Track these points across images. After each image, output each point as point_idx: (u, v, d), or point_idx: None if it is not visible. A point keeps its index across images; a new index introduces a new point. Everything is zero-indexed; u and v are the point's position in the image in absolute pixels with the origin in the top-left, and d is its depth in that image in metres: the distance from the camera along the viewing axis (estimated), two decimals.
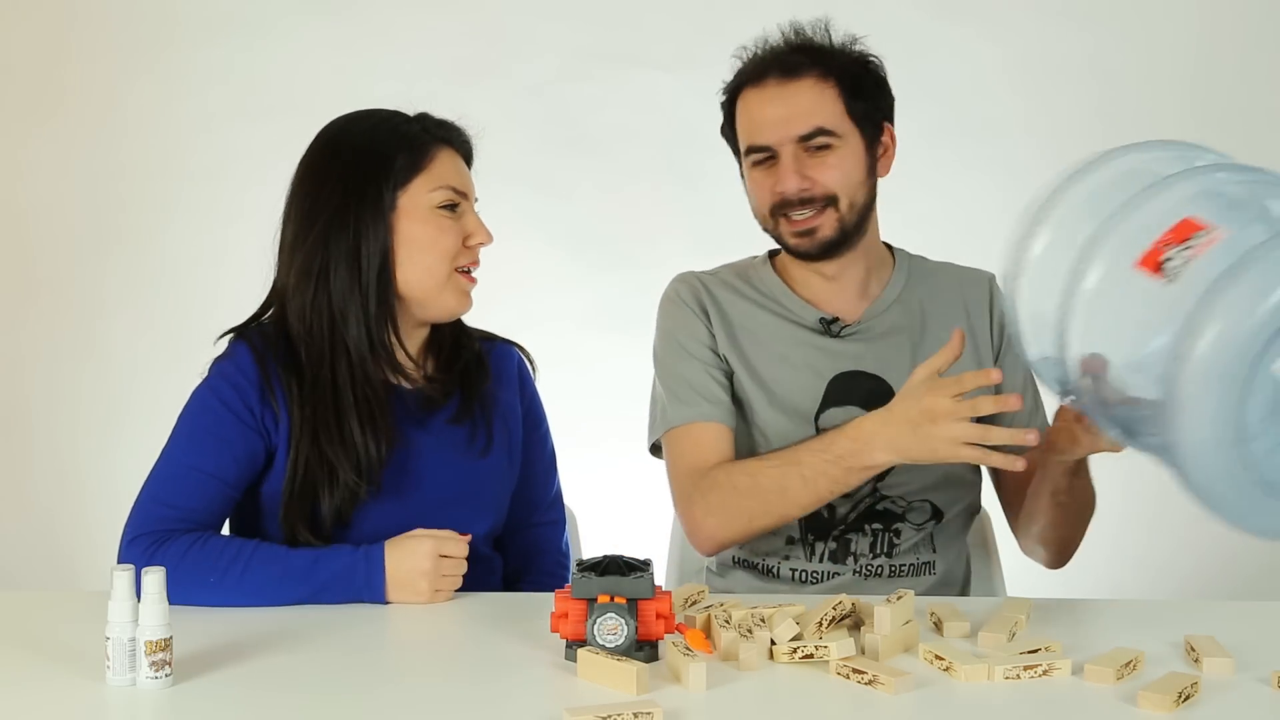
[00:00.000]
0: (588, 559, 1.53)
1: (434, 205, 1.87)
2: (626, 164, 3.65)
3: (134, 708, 1.41)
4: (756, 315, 2.07)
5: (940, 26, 3.62)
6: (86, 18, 3.75)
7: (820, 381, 2.02)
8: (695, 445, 1.99)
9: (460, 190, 1.89)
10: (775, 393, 2.02)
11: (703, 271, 2.13)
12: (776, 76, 1.98)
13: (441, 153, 1.89)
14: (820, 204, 1.97)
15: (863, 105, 1.99)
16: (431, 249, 1.86)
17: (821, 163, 1.96)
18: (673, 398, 2.03)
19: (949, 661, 1.47)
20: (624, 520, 2.25)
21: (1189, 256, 1.37)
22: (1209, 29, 3.63)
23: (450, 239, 1.87)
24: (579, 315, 3.59)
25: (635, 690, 1.40)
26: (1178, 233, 1.40)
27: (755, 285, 2.10)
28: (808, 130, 1.95)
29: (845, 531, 2.01)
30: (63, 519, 3.79)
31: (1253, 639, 1.56)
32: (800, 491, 1.86)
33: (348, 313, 1.84)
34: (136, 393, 3.71)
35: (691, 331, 2.05)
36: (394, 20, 3.69)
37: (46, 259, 3.81)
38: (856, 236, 2.01)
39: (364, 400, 1.84)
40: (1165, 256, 1.40)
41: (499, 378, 2.00)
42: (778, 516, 1.90)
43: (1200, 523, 1.48)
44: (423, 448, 1.90)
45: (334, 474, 1.82)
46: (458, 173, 1.90)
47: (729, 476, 1.92)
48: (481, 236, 1.90)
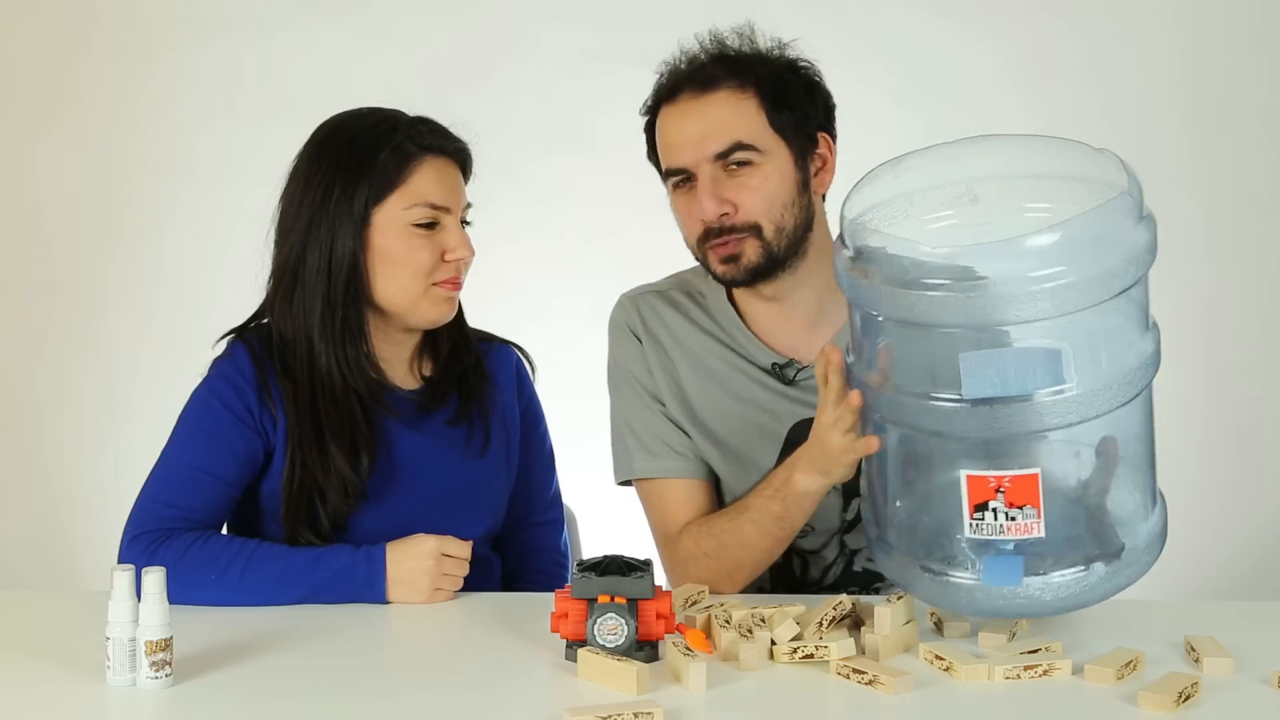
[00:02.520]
0: (588, 559, 1.53)
1: (409, 222, 1.83)
2: (626, 164, 3.64)
3: (134, 708, 1.41)
4: (707, 347, 1.92)
5: (939, 27, 3.61)
6: (86, 18, 3.75)
7: (779, 426, 1.88)
8: (664, 508, 1.90)
9: (440, 206, 1.84)
10: (728, 445, 1.90)
11: (649, 291, 1.98)
12: (690, 91, 1.83)
13: (425, 165, 1.84)
14: (742, 230, 1.81)
15: (789, 116, 1.83)
16: (404, 266, 1.83)
17: (742, 184, 1.80)
18: (634, 442, 1.93)
19: (949, 661, 1.47)
20: (624, 520, 2.24)
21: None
22: (1208, 29, 3.63)
23: (424, 256, 1.83)
24: (579, 315, 3.58)
25: (635, 690, 1.40)
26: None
27: (707, 310, 1.95)
28: (723, 147, 1.80)
29: (820, 591, 1.91)
30: (63, 519, 3.79)
31: (1253, 639, 1.56)
32: (756, 537, 1.78)
33: (312, 324, 1.83)
34: (136, 393, 3.70)
35: (640, 367, 1.93)
36: (394, 20, 3.69)
37: (47, 259, 3.80)
38: (793, 260, 1.85)
39: (339, 420, 1.82)
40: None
41: (497, 378, 1.99)
42: (750, 567, 1.81)
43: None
44: (418, 449, 1.90)
45: (323, 486, 1.82)
46: (440, 187, 1.85)
47: (696, 544, 1.84)
48: (461, 252, 1.85)
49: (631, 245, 3.59)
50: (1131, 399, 1.50)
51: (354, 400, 1.85)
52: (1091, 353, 1.47)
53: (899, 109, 2.04)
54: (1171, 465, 3.39)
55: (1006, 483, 1.46)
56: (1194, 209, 3.57)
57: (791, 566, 1.94)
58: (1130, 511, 1.56)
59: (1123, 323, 1.50)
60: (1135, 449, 1.56)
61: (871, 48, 1.98)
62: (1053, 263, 1.41)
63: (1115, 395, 1.47)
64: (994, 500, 1.46)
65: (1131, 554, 1.54)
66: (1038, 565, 1.49)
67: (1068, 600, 1.52)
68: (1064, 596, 1.51)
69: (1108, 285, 1.43)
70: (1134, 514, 1.56)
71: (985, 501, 1.46)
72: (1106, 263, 1.43)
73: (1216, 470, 3.60)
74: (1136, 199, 1.48)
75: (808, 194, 1.86)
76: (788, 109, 1.84)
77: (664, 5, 3.61)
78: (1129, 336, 1.50)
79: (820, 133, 1.88)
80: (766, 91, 1.83)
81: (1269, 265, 3.65)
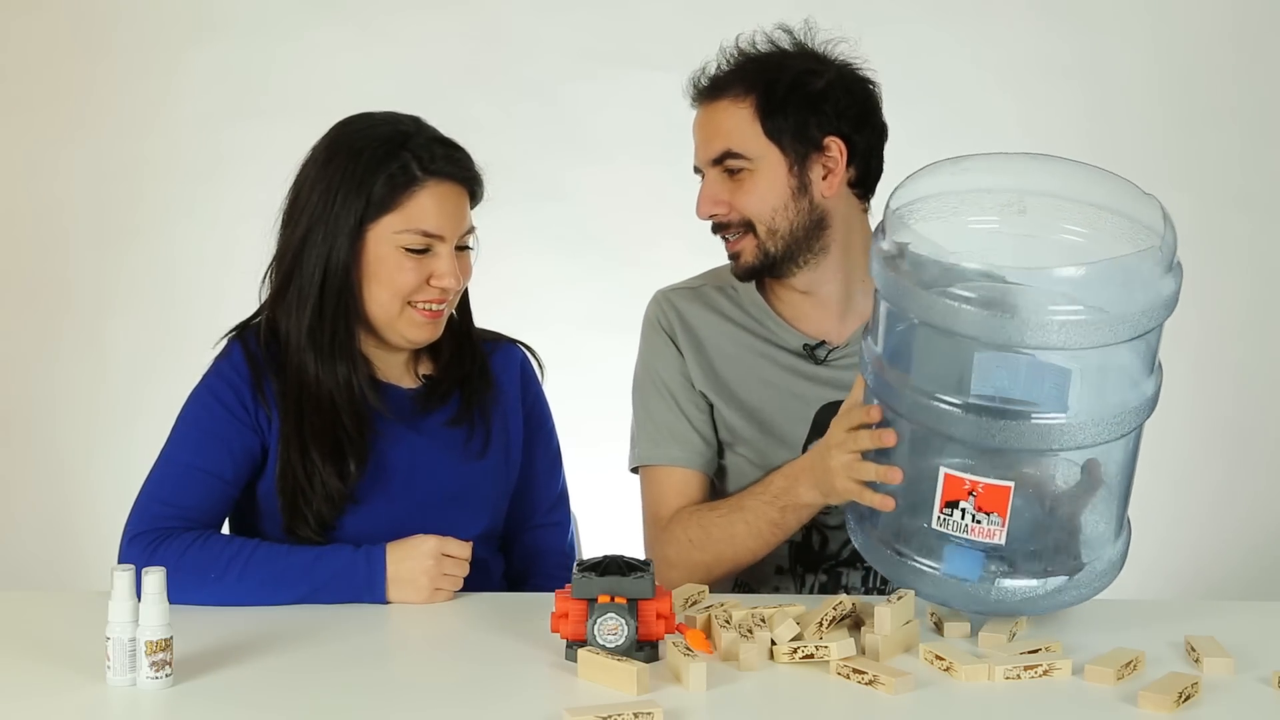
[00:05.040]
0: (588, 559, 1.53)
1: (400, 245, 1.81)
2: (626, 164, 3.64)
3: (134, 708, 1.41)
4: (737, 338, 1.99)
5: (939, 26, 3.61)
6: (86, 17, 3.74)
7: (808, 409, 1.94)
8: (659, 491, 1.96)
9: (435, 234, 1.81)
10: (764, 420, 1.95)
11: (681, 288, 2.05)
12: (702, 99, 1.94)
13: (425, 191, 1.81)
14: (738, 229, 1.92)
15: (786, 122, 1.89)
16: (387, 285, 1.82)
17: (738, 186, 1.90)
18: (643, 432, 2.00)
19: (949, 661, 1.47)
20: (625, 520, 2.25)
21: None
22: (1206, 30, 3.63)
23: (408, 278, 1.81)
24: (579, 316, 3.59)
25: (635, 690, 1.40)
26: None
27: (738, 303, 2.01)
28: (716, 154, 1.91)
29: (837, 565, 1.96)
30: (62, 519, 3.79)
31: (1253, 639, 1.56)
32: (747, 537, 1.84)
33: (302, 329, 1.82)
34: (139, 393, 3.70)
35: (665, 363, 1.99)
36: (394, 20, 3.69)
37: (47, 259, 3.80)
38: (805, 256, 1.92)
39: (321, 427, 1.81)
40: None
41: (500, 378, 1.99)
42: (730, 563, 1.86)
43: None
44: (415, 449, 1.89)
45: (306, 489, 1.81)
46: (439, 216, 1.82)
47: (683, 530, 1.89)
48: (447, 281, 1.82)
49: (631, 245, 3.60)
50: (1123, 436, 1.55)
51: (341, 409, 1.83)
52: (1095, 386, 1.52)
53: (897, 109, 2.03)
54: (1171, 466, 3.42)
55: (980, 488, 1.53)
56: (1187, 208, 3.56)
57: (811, 542, 1.96)
58: (1098, 535, 1.62)
59: (1131, 361, 1.54)
60: (1116, 479, 1.61)
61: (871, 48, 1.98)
62: (1073, 299, 1.47)
63: (1109, 430, 1.53)
64: (964, 501, 1.53)
65: (1088, 575, 1.60)
66: (997, 567, 1.57)
67: (1017, 605, 1.58)
68: (1015, 601, 1.57)
69: (1118, 331, 1.48)
70: (1101, 538, 1.62)
71: (956, 500, 1.54)
72: (1126, 309, 1.48)
73: (1216, 470, 3.59)
74: (1169, 251, 1.53)
75: (807, 198, 1.91)
76: (785, 116, 1.89)
77: (664, 5, 3.61)
78: (1134, 376, 1.55)
79: (831, 137, 1.90)
80: (764, 100, 1.89)
81: (1263, 265, 3.65)
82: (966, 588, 1.57)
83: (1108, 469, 1.59)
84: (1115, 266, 1.49)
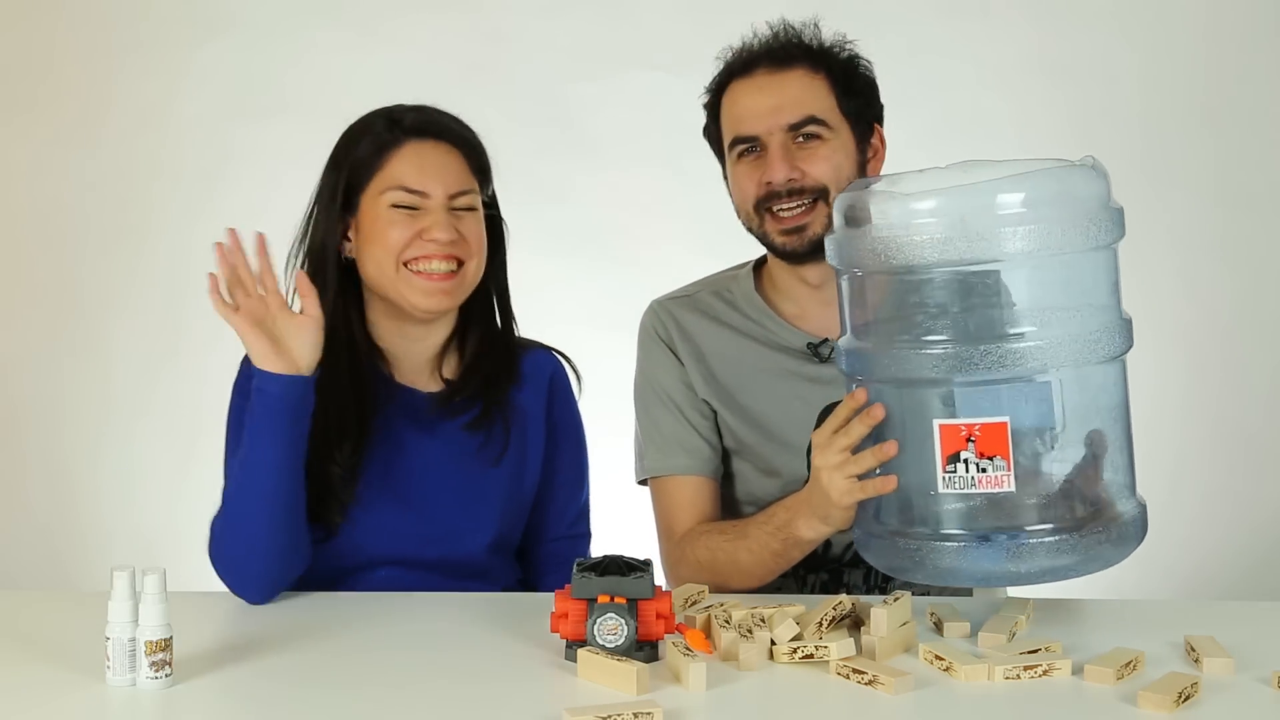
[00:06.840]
0: (588, 559, 1.53)
1: (389, 204, 1.84)
2: (626, 164, 3.65)
3: (134, 708, 1.41)
4: (737, 344, 1.98)
5: (937, 26, 3.62)
6: (86, 17, 3.75)
7: (812, 414, 1.92)
8: (670, 504, 1.96)
9: (417, 189, 1.84)
10: (768, 427, 1.95)
11: (677, 296, 2.04)
12: (766, 67, 1.90)
13: (404, 150, 1.86)
14: (810, 197, 1.87)
15: (854, 102, 1.92)
16: (380, 243, 1.84)
17: (811, 154, 1.87)
18: (650, 444, 1.99)
19: (949, 661, 1.47)
20: (625, 520, 2.24)
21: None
22: (1205, 30, 3.63)
23: (397, 233, 1.83)
24: (579, 316, 3.58)
25: (635, 690, 1.40)
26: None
27: (736, 306, 2.00)
28: (799, 118, 1.87)
29: (839, 566, 1.96)
30: (62, 519, 3.79)
31: (1253, 639, 1.56)
32: (751, 565, 1.82)
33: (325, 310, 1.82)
34: (136, 393, 3.70)
35: (666, 373, 1.99)
36: (394, 20, 3.69)
37: (46, 259, 3.80)
38: None
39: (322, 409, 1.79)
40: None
41: (525, 385, 1.97)
42: (740, 585, 1.84)
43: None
44: (426, 453, 1.89)
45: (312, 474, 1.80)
46: (421, 170, 1.85)
47: (691, 551, 1.89)
48: (436, 233, 1.83)
49: (631, 246, 3.60)
50: (1104, 361, 1.56)
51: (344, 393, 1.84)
52: (1060, 301, 1.55)
53: (896, 109, 2.04)
54: (1172, 465, 3.41)
55: (977, 430, 1.52)
56: (1184, 208, 3.57)
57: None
58: (1115, 484, 1.61)
59: (1087, 284, 1.57)
60: (1114, 427, 1.60)
61: (871, 47, 1.98)
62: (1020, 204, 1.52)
63: (1088, 349, 1.54)
64: (965, 450, 1.52)
65: (1116, 527, 1.58)
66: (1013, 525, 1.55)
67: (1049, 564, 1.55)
68: (1045, 557, 1.54)
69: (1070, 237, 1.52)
70: (1119, 486, 1.61)
71: (957, 452, 1.53)
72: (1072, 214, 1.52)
73: (1216, 470, 3.60)
74: (1103, 170, 1.58)
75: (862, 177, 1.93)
76: (853, 96, 1.93)
77: (665, 6, 3.62)
78: (1094, 297, 1.58)
79: (876, 124, 1.97)
80: (837, 77, 1.92)
81: (1261, 265, 3.65)
82: (991, 550, 1.54)
83: (1102, 414, 1.58)
84: (1052, 174, 1.55)
